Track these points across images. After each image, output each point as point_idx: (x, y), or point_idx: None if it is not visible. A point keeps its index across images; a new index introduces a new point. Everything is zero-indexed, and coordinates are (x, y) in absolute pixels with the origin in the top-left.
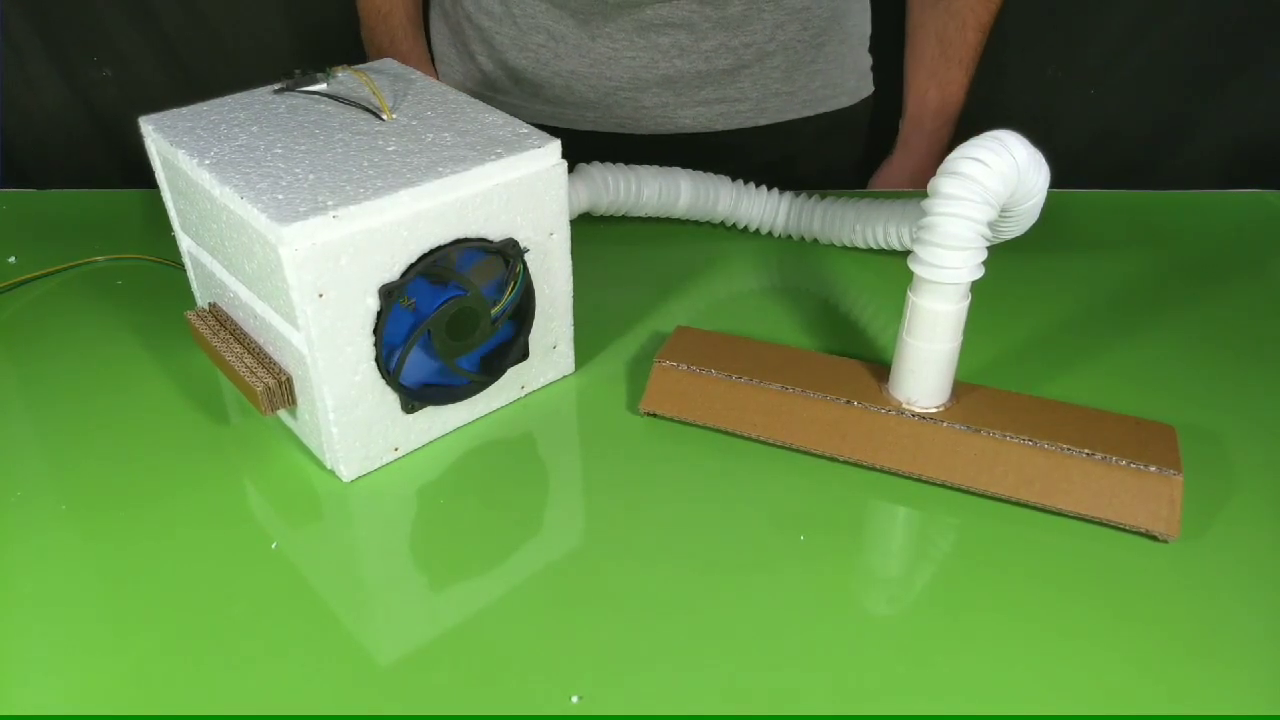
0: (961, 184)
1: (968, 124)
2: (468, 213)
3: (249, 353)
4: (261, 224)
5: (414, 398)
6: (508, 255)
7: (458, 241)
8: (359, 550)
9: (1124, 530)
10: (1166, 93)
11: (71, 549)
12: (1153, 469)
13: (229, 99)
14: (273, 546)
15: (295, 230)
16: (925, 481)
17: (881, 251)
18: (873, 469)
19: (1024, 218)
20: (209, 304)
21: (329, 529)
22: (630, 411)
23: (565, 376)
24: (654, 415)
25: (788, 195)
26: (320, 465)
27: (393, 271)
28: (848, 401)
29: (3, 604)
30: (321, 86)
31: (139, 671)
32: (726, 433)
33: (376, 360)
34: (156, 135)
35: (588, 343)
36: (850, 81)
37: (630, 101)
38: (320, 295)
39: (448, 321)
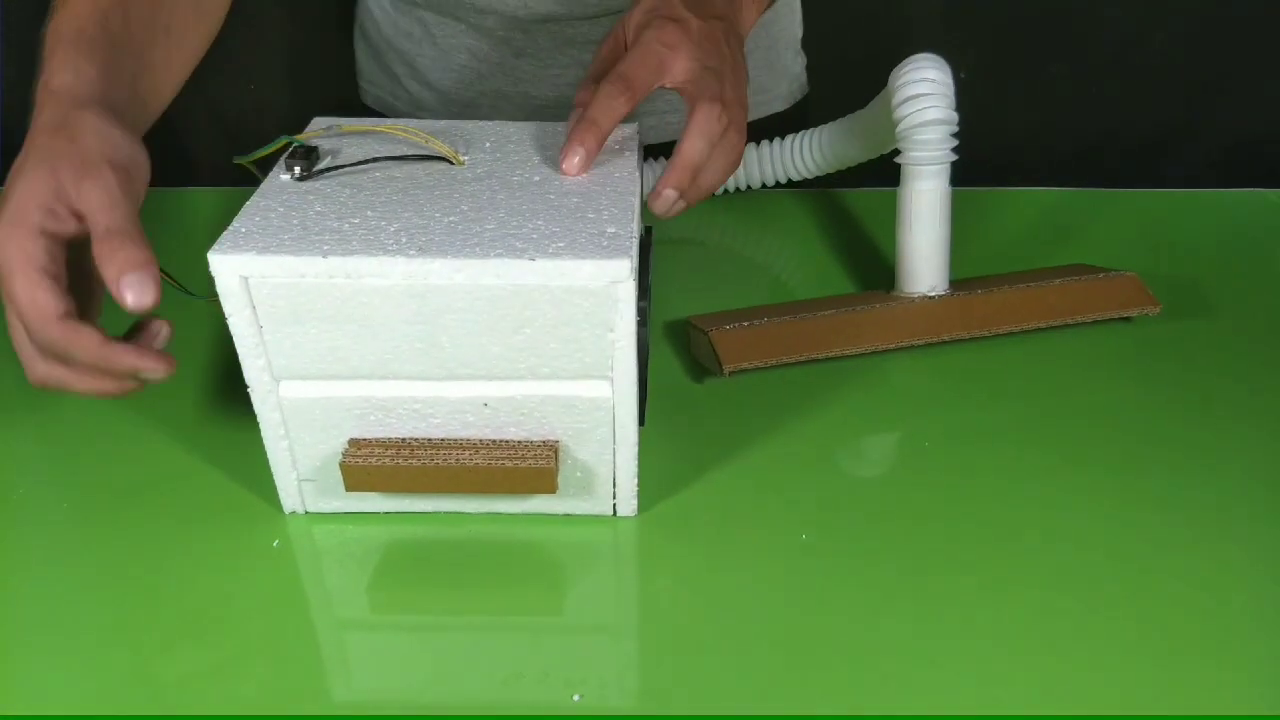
0: (926, 85)
1: (970, 123)
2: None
3: (463, 450)
4: (573, 276)
5: (643, 407)
6: (644, 243)
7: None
8: (359, 546)
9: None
10: (1168, 92)
11: (71, 549)
12: (1113, 274)
13: (252, 204)
14: (274, 544)
15: (624, 265)
16: (968, 340)
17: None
18: (928, 345)
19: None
20: (348, 441)
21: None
22: None
23: None
24: (740, 371)
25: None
26: None
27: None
28: (883, 305)
29: (3, 604)
30: (327, 162)
31: (139, 671)
32: (801, 364)
33: (639, 382)
34: (255, 259)
35: None
36: (782, 86)
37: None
38: (622, 328)
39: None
